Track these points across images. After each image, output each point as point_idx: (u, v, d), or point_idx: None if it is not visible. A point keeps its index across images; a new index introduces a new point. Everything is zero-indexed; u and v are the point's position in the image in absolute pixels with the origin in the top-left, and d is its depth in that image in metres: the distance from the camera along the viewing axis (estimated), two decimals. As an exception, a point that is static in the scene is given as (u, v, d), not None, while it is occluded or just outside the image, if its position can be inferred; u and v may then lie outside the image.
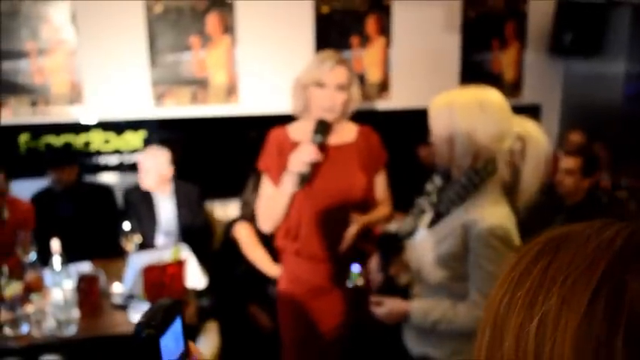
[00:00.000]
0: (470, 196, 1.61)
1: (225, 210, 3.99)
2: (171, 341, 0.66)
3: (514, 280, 0.49)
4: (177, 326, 0.67)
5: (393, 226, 2.24)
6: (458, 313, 1.61)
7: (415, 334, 1.77)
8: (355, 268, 1.96)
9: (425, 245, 1.70)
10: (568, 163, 3.00)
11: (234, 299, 3.20)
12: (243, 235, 3.10)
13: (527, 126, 1.60)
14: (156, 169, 3.23)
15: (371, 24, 4.06)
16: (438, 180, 1.74)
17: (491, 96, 1.60)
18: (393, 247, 1.84)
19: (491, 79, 4.27)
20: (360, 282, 1.96)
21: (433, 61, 4.22)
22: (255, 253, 3.03)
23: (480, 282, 1.58)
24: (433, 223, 1.71)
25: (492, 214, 1.57)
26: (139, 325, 0.64)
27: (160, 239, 3.25)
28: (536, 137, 1.58)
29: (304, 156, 2.01)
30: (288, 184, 2.05)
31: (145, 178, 3.25)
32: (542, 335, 0.45)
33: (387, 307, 1.73)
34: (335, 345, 2.22)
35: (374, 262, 1.99)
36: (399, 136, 3.76)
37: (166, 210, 3.35)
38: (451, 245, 1.61)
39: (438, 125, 1.62)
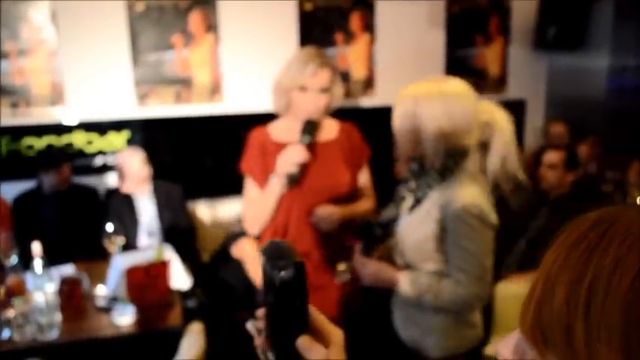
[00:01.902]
0: (446, 179, 1.64)
1: (210, 210, 3.96)
2: None
3: (568, 243, 0.51)
4: None
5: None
6: (442, 288, 1.63)
7: (403, 319, 1.79)
8: (342, 264, 1.96)
9: (407, 230, 1.74)
10: (550, 157, 3.00)
11: (223, 304, 3.16)
12: (250, 252, 3.05)
13: (493, 113, 1.65)
14: (134, 171, 3.20)
15: (355, 20, 4.05)
16: (414, 166, 1.75)
17: (455, 86, 1.63)
18: (374, 235, 1.85)
19: (475, 74, 4.28)
20: (347, 277, 1.96)
21: (418, 57, 4.22)
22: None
23: (460, 260, 1.61)
24: (413, 208, 1.73)
25: (466, 193, 1.61)
26: (276, 264, 0.71)
27: (142, 240, 3.21)
28: (502, 124, 1.63)
29: (294, 157, 2.00)
30: (277, 185, 2.04)
31: (125, 182, 3.21)
32: (595, 291, 0.46)
33: (371, 267, 1.75)
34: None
35: (357, 253, 1.99)
36: (385, 133, 3.76)
37: (147, 210, 3.31)
38: (430, 227, 1.64)
39: (403, 120, 1.66)
